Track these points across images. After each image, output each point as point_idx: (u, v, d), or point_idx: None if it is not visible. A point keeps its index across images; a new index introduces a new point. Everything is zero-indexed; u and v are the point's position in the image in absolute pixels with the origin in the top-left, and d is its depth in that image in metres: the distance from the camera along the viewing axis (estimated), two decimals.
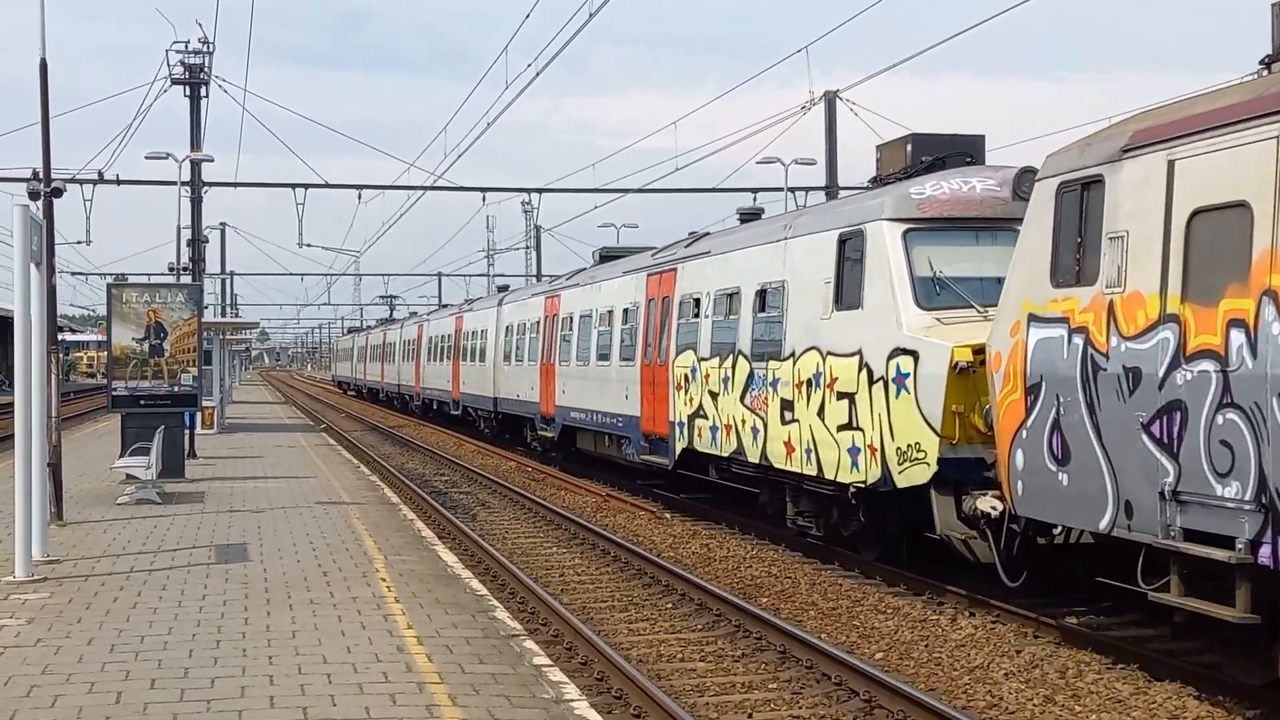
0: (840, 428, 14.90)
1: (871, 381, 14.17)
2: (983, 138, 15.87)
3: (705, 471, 21.38)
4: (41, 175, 18.92)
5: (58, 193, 18.93)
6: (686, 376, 19.90)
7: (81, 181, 36.06)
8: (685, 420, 20.03)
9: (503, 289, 45.97)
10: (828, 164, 33.70)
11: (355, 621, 10.99)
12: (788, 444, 16.26)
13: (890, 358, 13.82)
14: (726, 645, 12.18)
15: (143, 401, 23.12)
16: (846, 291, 15.04)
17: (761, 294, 17.39)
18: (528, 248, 76.17)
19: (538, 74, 26.76)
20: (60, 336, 19.66)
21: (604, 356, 24.93)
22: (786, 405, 16.30)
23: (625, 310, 23.89)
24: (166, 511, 18.87)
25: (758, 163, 36.57)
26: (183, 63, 37.27)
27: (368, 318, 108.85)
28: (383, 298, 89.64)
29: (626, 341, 23.60)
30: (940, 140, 15.66)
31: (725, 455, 18.61)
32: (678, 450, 20.50)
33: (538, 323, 31.21)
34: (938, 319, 13.62)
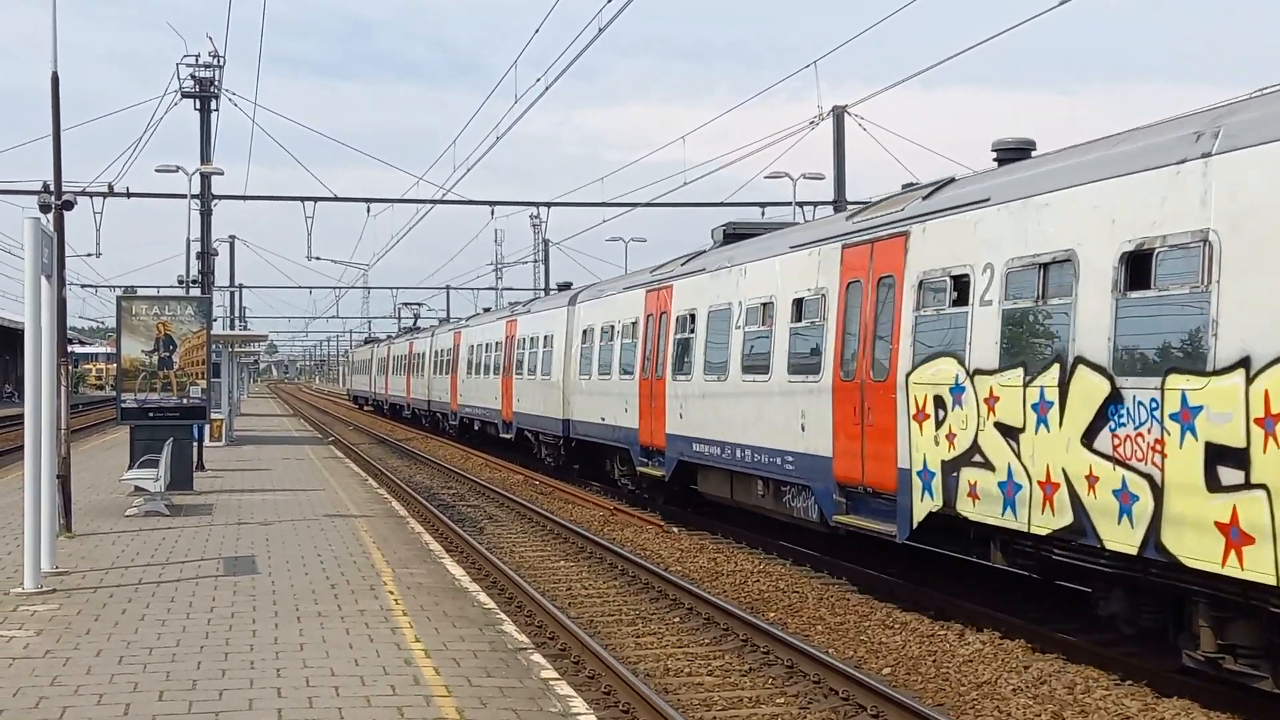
0: None
1: None
2: None
3: (969, 549, 13.57)
4: (52, 188, 19.00)
5: (68, 206, 19.01)
6: (939, 399, 13.02)
7: (92, 194, 36.21)
8: (937, 468, 13.02)
9: (564, 286, 37.76)
10: (836, 178, 33.75)
11: (363, 634, 11.00)
12: (1230, 529, 9.34)
13: None
14: (734, 659, 12.18)
15: (151, 414, 23.16)
16: None
17: (1136, 259, 10.47)
18: (536, 261, 76.37)
19: (547, 88, 26.74)
20: (70, 349, 19.73)
21: (755, 368, 18.05)
22: (1226, 458, 9.41)
23: (798, 301, 16.81)
24: (175, 523, 18.90)
25: (766, 177, 36.68)
26: (193, 76, 37.41)
27: (377, 330, 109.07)
28: (406, 304, 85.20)
29: (800, 346, 16.66)
30: None
31: (1041, 533, 11.49)
32: (918, 514, 13.43)
33: (634, 324, 24.22)
34: None
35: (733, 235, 21.51)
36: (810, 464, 16.11)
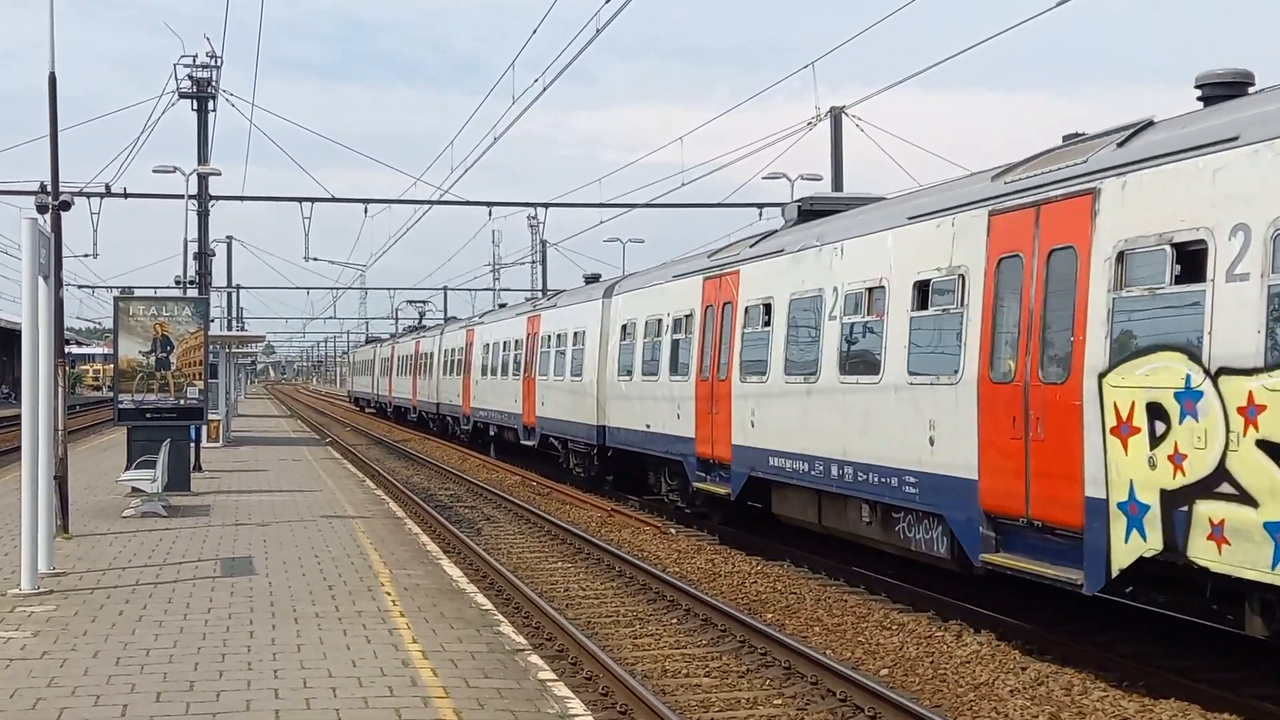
0: None
1: None
2: None
3: (1204, 609, 10.91)
4: (49, 188, 18.99)
5: (65, 206, 19.00)
6: (1157, 407, 10.07)
7: (89, 195, 36.20)
8: (1153, 498, 10.01)
9: (593, 278, 33.42)
10: (833, 179, 33.75)
11: (360, 635, 10.99)
12: None
13: None
14: (731, 661, 12.18)
15: (149, 414, 23.15)
16: None
17: None
18: (533, 262, 76.40)
19: (545, 88, 26.72)
20: (67, 349, 19.74)
21: (859, 366, 14.94)
22: None
23: (921, 284, 13.62)
24: (172, 524, 18.89)
25: (764, 178, 36.65)
26: (190, 77, 37.43)
27: (375, 331, 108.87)
28: (410, 301, 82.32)
29: (927, 339, 13.53)
30: None
31: None
32: (1120, 559, 10.43)
33: (687, 317, 21.12)
34: None
35: (810, 212, 18.36)
36: (943, 486, 12.96)
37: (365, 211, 41.16)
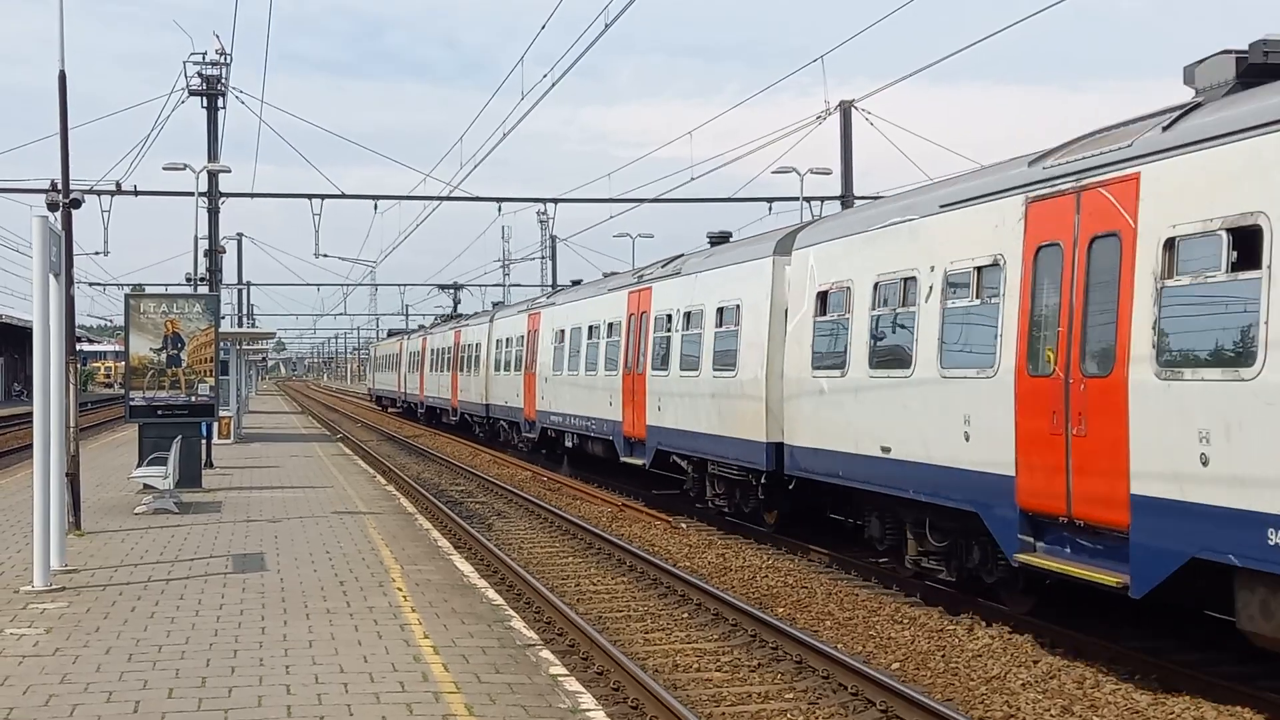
0: None
1: None
2: None
3: None
4: (60, 186, 19.03)
5: (76, 204, 19.03)
6: None
7: (100, 192, 36.26)
8: None
9: (720, 238, 24.66)
10: (843, 173, 33.76)
11: (372, 631, 11.01)
12: None
13: None
14: (743, 655, 12.18)
15: (160, 411, 23.18)
16: None
17: None
18: (543, 258, 76.42)
19: (554, 84, 26.74)
20: (78, 347, 19.78)
21: None
22: None
23: None
24: (184, 521, 18.93)
25: (773, 172, 36.46)
26: (200, 74, 37.48)
27: (384, 326, 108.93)
28: (442, 287, 75.06)
29: None
30: None
31: None
32: None
33: (984, 271, 12.85)
34: None
35: (1266, 67, 10.38)
36: None
37: (375, 208, 41.15)
